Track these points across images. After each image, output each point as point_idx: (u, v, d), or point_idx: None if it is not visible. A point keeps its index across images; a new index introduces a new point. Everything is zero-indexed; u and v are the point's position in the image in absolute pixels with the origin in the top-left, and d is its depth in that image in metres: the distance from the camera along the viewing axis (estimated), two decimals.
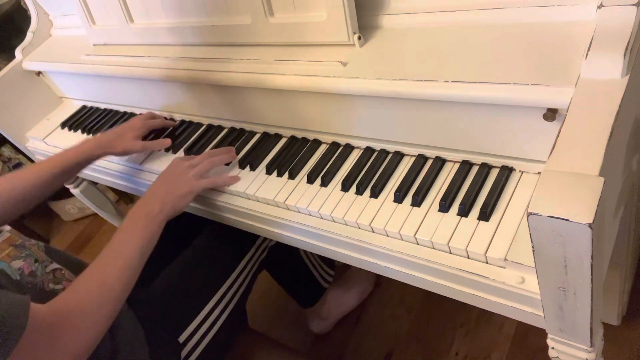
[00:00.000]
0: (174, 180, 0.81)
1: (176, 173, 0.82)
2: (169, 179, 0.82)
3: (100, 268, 0.67)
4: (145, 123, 0.98)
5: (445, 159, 0.72)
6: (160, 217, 0.75)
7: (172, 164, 0.85)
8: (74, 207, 2.11)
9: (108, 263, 0.68)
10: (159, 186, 0.81)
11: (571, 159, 0.46)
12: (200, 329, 0.86)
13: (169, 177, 0.82)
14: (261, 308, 1.50)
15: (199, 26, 0.91)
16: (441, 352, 1.24)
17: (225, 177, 0.84)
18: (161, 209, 0.76)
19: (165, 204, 0.77)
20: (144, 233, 0.73)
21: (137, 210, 0.76)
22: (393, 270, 0.69)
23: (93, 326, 0.62)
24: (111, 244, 0.70)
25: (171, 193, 0.78)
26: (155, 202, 0.77)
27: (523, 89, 0.57)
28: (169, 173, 0.83)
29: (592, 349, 0.57)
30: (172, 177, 0.82)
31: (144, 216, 0.75)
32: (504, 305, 0.60)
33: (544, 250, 0.46)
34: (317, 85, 0.74)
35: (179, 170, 0.82)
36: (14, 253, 0.68)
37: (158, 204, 0.76)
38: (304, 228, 0.75)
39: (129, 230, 0.73)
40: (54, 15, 1.26)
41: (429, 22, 0.71)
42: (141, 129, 0.97)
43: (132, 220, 0.74)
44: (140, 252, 0.71)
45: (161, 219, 0.76)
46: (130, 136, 0.95)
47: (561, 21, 0.61)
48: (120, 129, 0.97)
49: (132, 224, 0.74)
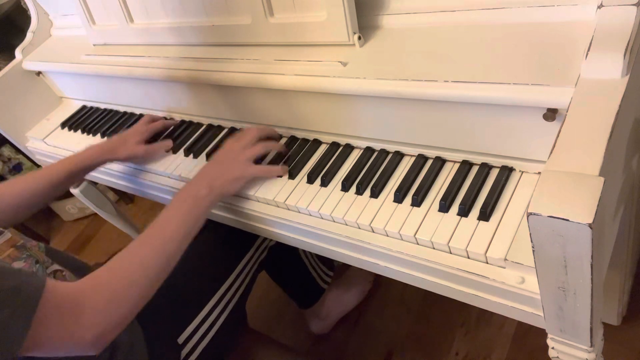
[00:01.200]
0: (226, 163, 0.78)
1: (230, 156, 0.79)
2: (222, 160, 0.79)
3: (138, 247, 0.66)
4: (148, 127, 0.98)
5: (445, 159, 0.72)
6: (208, 201, 0.73)
7: (225, 145, 0.81)
8: (74, 207, 2.11)
9: (146, 243, 0.67)
10: (211, 167, 0.78)
11: (571, 159, 0.46)
12: (199, 329, 0.86)
13: (222, 158, 0.79)
14: (261, 308, 1.50)
15: (199, 26, 0.91)
16: (441, 352, 1.24)
17: (278, 168, 0.80)
18: (209, 192, 0.74)
19: (214, 187, 0.74)
20: (188, 216, 0.71)
21: (185, 191, 0.74)
22: (393, 270, 0.69)
23: (121, 305, 0.61)
24: (154, 224, 0.69)
25: (222, 176, 0.76)
26: (204, 184, 0.74)
27: (523, 89, 0.57)
28: (223, 154, 0.80)
29: (592, 349, 0.57)
30: (225, 159, 0.79)
31: (190, 198, 0.73)
32: (504, 305, 0.60)
33: (544, 250, 0.46)
34: (317, 85, 0.74)
35: (233, 152, 0.79)
36: (15, 254, 0.68)
37: (206, 186, 0.74)
38: (304, 228, 0.75)
39: (173, 212, 0.71)
40: (54, 15, 1.26)
41: (429, 22, 0.72)
42: (145, 133, 0.97)
43: (178, 201, 0.72)
44: (183, 235, 0.69)
45: (208, 203, 0.73)
46: (133, 141, 0.95)
47: (561, 21, 0.61)
48: (124, 134, 0.97)
49: (177, 204, 0.72)
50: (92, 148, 0.95)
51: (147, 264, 0.65)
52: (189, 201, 0.72)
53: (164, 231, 0.69)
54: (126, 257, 0.65)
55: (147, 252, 0.66)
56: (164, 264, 0.67)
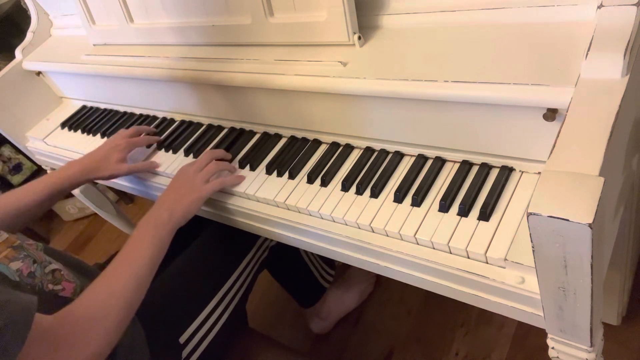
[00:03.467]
0: (181, 187, 0.81)
1: (184, 180, 0.83)
2: (176, 186, 0.82)
3: (109, 277, 0.68)
4: (129, 142, 0.96)
5: (445, 159, 0.72)
6: (170, 226, 0.76)
7: (179, 172, 0.85)
8: (74, 207, 2.12)
9: (117, 272, 0.68)
10: (167, 195, 0.81)
11: (571, 159, 0.46)
12: (201, 330, 0.86)
13: (176, 184, 0.83)
14: (261, 308, 1.50)
15: (199, 26, 0.91)
16: (441, 352, 1.24)
17: (233, 178, 0.84)
18: (170, 217, 0.76)
19: (174, 212, 0.77)
20: (153, 242, 0.73)
21: (146, 220, 0.76)
22: (393, 270, 0.69)
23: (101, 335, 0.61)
24: (120, 254, 0.71)
25: (179, 200, 0.79)
26: (164, 210, 0.77)
27: (523, 89, 0.57)
28: (177, 180, 0.83)
29: (592, 349, 0.57)
30: (180, 184, 0.82)
31: (152, 226, 0.75)
32: (504, 305, 0.60)
33: (544, 250, 0.46)
34: (317, 85, 0.74)
35: (186, 176, 0.83)
36: (12, 254, 0.67)
37: (166, 212, 0.77)
38: (304, 228, 0.75)
39: (138, 240, 0.73)
40: (54, 15, 1.26)
41: (429, 22, 0.72)
42: (125, 150, 0.95)
43: (141, 230, 0.75)
44: (150, 261, 0.71)
45: (170, 227, 0.76)
46: (115, 159, 0.93)
47: (561, 21, 0.61)
48: (105, 150, 0.95)
49: (141, 233, 0.74)
50: (73, 166, 0.93)
51: (119, 293, 0.66)
52: (152, 227, 0.75)
53: (133, 259, 0.70)
54: (98, 288, 0.66)
55: (118, 280, 0.67)
56: (136, 289, 0.68)
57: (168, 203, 0.79)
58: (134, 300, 0.68)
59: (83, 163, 0.93)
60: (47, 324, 0.57)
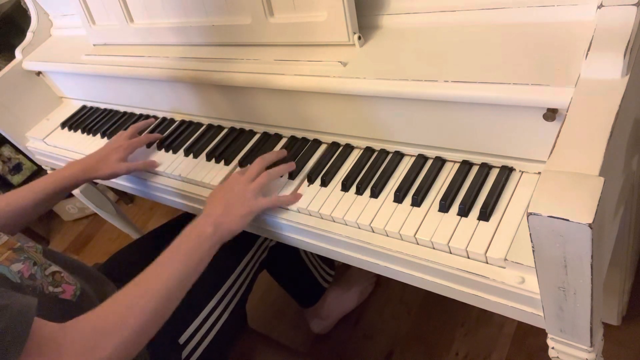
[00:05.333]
0: (232, 199, 0.74)
1: (234, 191, 0.75)
2: (226, 197, 0.75)
3: (133, 289, 0.64)
4: (130, 143, 0.95)
5: (445, 159, 0.72)
6: (213, 240, 0.70)
7: (229, 181, 0.78)
8: (74, 207, 2.11)
9: (142, 285, 0.64)
10: (215, 205, 0.74)
11: (571, 159, 0.46)
12: (200, 330, 0.86)
13: (226, 195, 0.76)
14: (261, 308, 1.50)
15: (199, 26, 0.91)
16: (441, 352, 1.24)
17: (289, 197, 0.77)
18: (214, 231, 0.71)
19: (219, 226, 0.71)
20: (190, 256, 0.68)
21: (189, 231, 0.71)
22: (393, 270, 0.69)
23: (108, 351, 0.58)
24: (154, 264, 0.67)
25: (228, 214, 0.73)
26: (209, 223, 0.71)
27: (523, 89, 0.57)
28: (227, 190, 0.76)
29: (592, 349, 0.57)
30: (230, 196, 0.75)
31: (194, 237, 0.70)
32: (504, 305, 0.60)
33: (544, 250, 0.46)
34: (317, 85, 0.74)
35: (237, 187, 0.76)
36: (13, 256, 0.67)
37: (212, 225, 0.71)
38: (304, 228, 0.75)
39: (174, 251, 0.68)
40: (54, 15, 1.26)
41: (429, 22, 0.71)
42: (126, 150, 0.94)
43: (181, 240, 0.70)
44: (182, 275, 0.67)
45: (213, 242, 0.71)
46: (114, 158, 0.92)
47: (561, 21, 0.61)
48: (105, 150, 0.94)
49: (179, 244, 0.69)
50: (73, 166, 0.92)
51: (140, 308, 0.62)
52: (193, 240, 0.70)
53: (163, 271, 0.66)
54: (119, 299, 0.62)
55: (141, 293, 0.63)
56: (162, 303, 0.64)
57: (215, 216, 0.72)
58: (157, 316, 0.64)
59: (83, 163, 0.93)
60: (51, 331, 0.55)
